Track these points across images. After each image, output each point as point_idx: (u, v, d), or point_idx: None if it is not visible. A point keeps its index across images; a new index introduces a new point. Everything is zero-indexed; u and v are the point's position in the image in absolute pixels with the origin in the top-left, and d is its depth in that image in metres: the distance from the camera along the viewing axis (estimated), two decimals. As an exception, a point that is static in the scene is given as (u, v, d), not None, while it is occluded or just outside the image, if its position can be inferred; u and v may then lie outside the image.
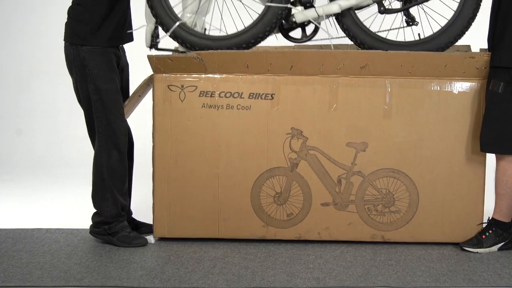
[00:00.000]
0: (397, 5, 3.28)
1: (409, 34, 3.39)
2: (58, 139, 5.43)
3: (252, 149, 3.31)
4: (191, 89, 3.28)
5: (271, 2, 3.14)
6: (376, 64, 3.20)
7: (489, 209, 3.27)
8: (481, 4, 3.13)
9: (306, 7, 3.24)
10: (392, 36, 3.38)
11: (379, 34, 3.28)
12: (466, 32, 3.17)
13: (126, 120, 3.31)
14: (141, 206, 3.70)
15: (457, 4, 3.16)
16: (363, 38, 3.21)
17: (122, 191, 3.33)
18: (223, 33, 3.33)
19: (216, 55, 3.20)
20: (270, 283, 2.81)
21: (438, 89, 3.24)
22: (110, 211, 3.27)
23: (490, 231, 3.18)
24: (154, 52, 3.32)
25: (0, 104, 5.99)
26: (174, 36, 3.22)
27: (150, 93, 3.39)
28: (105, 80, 3.19)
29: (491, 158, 3.27)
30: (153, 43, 3.32)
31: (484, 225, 3.24)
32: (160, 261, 3.11)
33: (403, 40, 3.27)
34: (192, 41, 3.21)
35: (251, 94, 3.29)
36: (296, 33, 3.37)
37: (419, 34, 3.25)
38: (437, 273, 2.94)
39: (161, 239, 3.40)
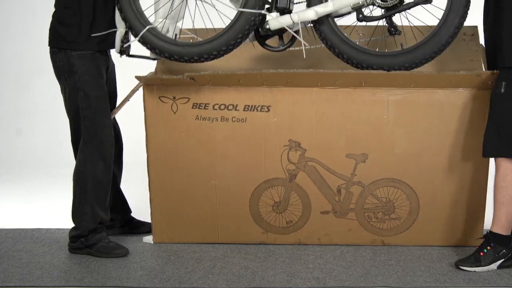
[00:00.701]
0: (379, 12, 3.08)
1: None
2: (58, 139, 5.42)
3: (249, 161, 3.27)
4: (183, 101, 3.24)
5: (243, 7, 2.97)
6: (375, 80, 3.11)
7: (489, 218, 3.23)
8: (468, 12, 2.94)
9: (281, 14, 3.05)
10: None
11: (360, 43, 3.12)
12: (452, 42, 2.96)
13: (113, 130, 3.21)
14: (141, 206, 3.69)
15: (442, 12, 2.96)
16: (342, 48, 3.01)
17: (104, 204, 3.22)
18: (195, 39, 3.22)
19: (208, 77, 3.13)
20: (270, 283, 2.81)
21: (440, 99, 3.16)
22: (87, 226, 3.17)
23: (489, 247, 2.98)
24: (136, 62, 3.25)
25: (0, 104, 6.00)
26: (143, 41, 3.07)
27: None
28: (95, 87, 3.11)
29: (492, 165, 3.18)
30: (123, 49, 3.17)
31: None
32: (160, 261, 3.11)
33: (385, 50, 3.10)
34: (161, 46, 3.05)
35: (247, 106, 3.23)
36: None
37: (401, 44, 3.08)
38: (437, 273, 2.94)
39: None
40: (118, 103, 3.35)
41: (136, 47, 3.22)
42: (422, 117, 3.19)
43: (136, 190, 3.66)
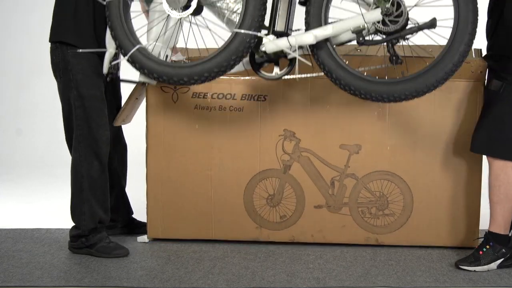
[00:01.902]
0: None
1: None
2: (58, 139, 5.38)
3: (245, 151, 3.30)
4: (183, 90, 3.27)
5: (239, 28, 2.84)
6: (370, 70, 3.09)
7: (485, 213, 3.25)
8: (474, 40, 2.77)
9: (278, 37, 2.91)
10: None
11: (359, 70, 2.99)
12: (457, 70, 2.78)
13: (109, 129, 3.19)
14: (141, 206, 3.69)
15: (446, 39, 2.78)
16: (339, 74, 2.83)
17: (104, 204, 3.21)
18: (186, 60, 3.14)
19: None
20: (270, 283, 2.81)
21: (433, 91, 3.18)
22: (87, 225, 3.15)
23: (488, 246, 2.99)
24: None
25: (0, 104, 6.00)
26: (131, 61, 2.95)
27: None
28: (89, 86, 3.08)
29: (486, 161, 3.19)
30: (111, 71, 3.13)
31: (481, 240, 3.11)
32: (160, 261, 3.11)
33: (385, 78, 2.94)
34: (150, 67, 2.92)
35: (244, 96, 3.27)
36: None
37: (402, 72, 2.90)
38: (437, 273, 2.94)
39: (161, 239, 3.39)
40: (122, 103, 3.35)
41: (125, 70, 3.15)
42: (415, 109, 3.21)
43: (136, 190, 3.66)
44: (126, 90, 3.36)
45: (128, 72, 3.23)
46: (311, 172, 3.30)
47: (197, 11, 2.94)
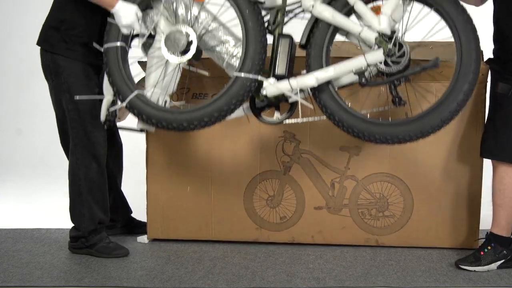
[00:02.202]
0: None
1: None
2: (58, 139, 5.42)
3: (245, 152, 3.30)
4: (183, 91, 3.27)
5: (239, 71, 2.80)
6: None
7: (485, 214, 3.25)
8: (477, 79, 2.70)
9: (279, 80, 2.86)
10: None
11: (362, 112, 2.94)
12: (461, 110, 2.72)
13: (104, 130, 3.17)
14: (141, 206, 3.70)
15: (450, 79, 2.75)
16: (342, 117, 2.77)
17: (103, 205, 3.21)
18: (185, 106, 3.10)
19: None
20: (270, 283, 2.81)
21: (433, 92, 3.17)
22: (87, 227, 3.17)
23: (489, 247, 2.98)
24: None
25: (0, 104, 6.00)
26: (129, 107, 2.91)
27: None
28: (81, 89, 3.06)
29: (487, 162, 3.19)
30: (108, 118, 3.09)
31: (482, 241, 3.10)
32: (160, 261, 3.11)
33: (389, 120, 2.90)
34: (149, 113, 2.87)
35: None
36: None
37: (406, 114, 2.87)
38: (437, 273, 2.94)
39: (161, 239, 3.39)
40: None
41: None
42: (415, 110, 3.18)
43: (136, 190, 3.66)
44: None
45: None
46: (311, 174, 3.30)
47: (196, 56, 2.92)
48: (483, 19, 3.10)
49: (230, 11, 2.90)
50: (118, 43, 2.95)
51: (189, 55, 2.88)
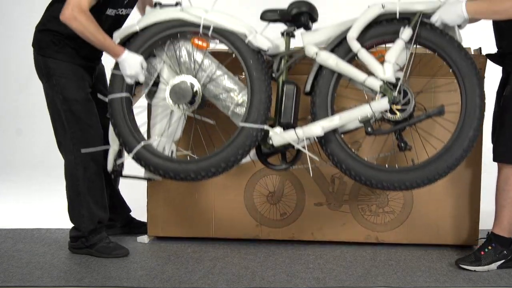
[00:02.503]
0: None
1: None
2: (58, 139, 5.43)
3: None
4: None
5: (245, 121, 2.83)
6: None
7: (484, 211, 3.25)
8: (482, 124, 2.76)
9: (285, 129, 2.89)
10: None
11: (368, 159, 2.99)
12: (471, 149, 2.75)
13: (101, 128, 3.15)
14: (141, 206, 3.70)
15: (455, 125, 2.79)
16: (349, 164, 2.81)
17: (101, 203, 3.21)
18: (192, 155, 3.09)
19: None
20: (270, 283, 2.81)
21: (432, 88, 3.17)
22: (86, 227, 3.16)
23: (490, 247, 2.97)
24: None
25: (0, 104, 6.00)
26: (136, 158, 2.93)
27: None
28: (73, 90, 3.06)
29: (486, 160, 3.21)
30: (115, 168, 3.09)
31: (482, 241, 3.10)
32: (160, 261, 3.11)
33: (395, 166, 2.93)
34: (156, 164, 2.89)
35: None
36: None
37: (412, 160, 2.88)
38: (437, 273, 2.94)
39: (160, 239, 3.39)
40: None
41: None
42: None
43: (136, 189, 3.66)
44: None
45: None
46: (311, 169, 3.28)
47: (201, 105, 2.96)
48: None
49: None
50: (123, 94, 2.98)
51: (195, 105, 2.94)
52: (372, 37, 2.83)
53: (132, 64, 2.91)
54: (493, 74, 3.20)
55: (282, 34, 2.97)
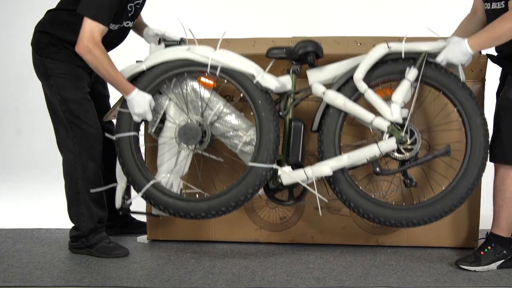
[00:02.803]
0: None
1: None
2: (58, 139, 5.43)
3: None
4: None
5: (254, 161, 2.88)
6: None
7: (484, 214, 3.24)
8: (486, 163, 2.87)
9: (293, 168, 2.96)
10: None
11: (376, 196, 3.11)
12: (473, 190, 2.88)
13: (100, 127, 3.15)
14: (140, 207, 3.70)
15: (460, 162, 2.92)
16: (358, 202, 2.90)
17: (100, 201, 3.21)
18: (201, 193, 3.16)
19: None
20: (270, 283, 2.81)
21: (432, 90, 3.14)
22: (86, 226, 3.16)
23: (489, 247, 2.98)
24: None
25: (0, 104, 6.00)
26: (146, 197, 2.98)
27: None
28: (71, 90, 3.07)
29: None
30: (124, 205, 3.13)
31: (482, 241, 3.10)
32: (160, 261, 3.11)
33: (402, 204, 3.06)
34: (166, 202, 2.94)
35: (243, 98, 3.25)
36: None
37: (419, 197, 3.03)
38: (437, 273, 2.94)
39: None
40: (111, 102, 3.34)
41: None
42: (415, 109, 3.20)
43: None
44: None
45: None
46: None
47: (209, 143, 3.00)
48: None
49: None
50: (131, 133, 3.01)
51: (204, 145, 2.99)
52: (378, 76, 2.93)
53: (141, 102, 2.94)
54: (493, 74, 3.19)
55: (288, 71, 3.02)
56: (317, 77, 3.00)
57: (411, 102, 2.93)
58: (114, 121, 3.41)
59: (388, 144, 2.87)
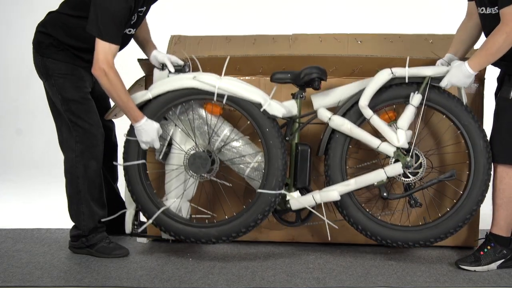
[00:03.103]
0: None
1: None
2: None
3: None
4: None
5: (263, 188, 2.95)
6: (368, 67, 3.15)
7: (484, 214, 3.24)
8: (489, 184, 2.98)
9: (302, 193, 3.03)
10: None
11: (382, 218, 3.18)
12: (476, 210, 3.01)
13: (101, 127, 3.15)
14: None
15: (464, 184, 3.04)
16: (366, 225, 3.01)
17: (100, 201, 3.21)
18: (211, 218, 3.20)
19: (207, 59, 3.18)
20: (270, 283, 2.81)
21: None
22: (87, 225, 3.15)
23: (489, 247, 2.99)
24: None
25: (0, 104, 6.00)
26: (156, 224, 3.04)
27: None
28: (72, 90, 3.06)
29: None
30: (134, 231, 3.16)
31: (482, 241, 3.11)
32: (160, 261, 3.11)
33: (408, 224, 3.16)
34: (177, 229, 3.01)
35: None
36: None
37: (424, 218, 3.11)
38: (437, 273, 2.94)
39: (160, 240, 3.38)
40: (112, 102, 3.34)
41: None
42: None
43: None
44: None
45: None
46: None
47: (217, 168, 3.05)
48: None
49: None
50: (139, 162, 3.04)
51: (213, 173, 3.03)
52: (383, 101, 3.00)
53: (149, 131, 2.97)
54: (492, 74, 3.19)
55: (293, 96, 3.06)
56: (322, 102, 3.07)
57: (416, 124, 3.03)
58: (115, 120, 3.43)
59: (395, 169, 2.97)
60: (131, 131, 3.05)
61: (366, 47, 3.41)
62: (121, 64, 3.08)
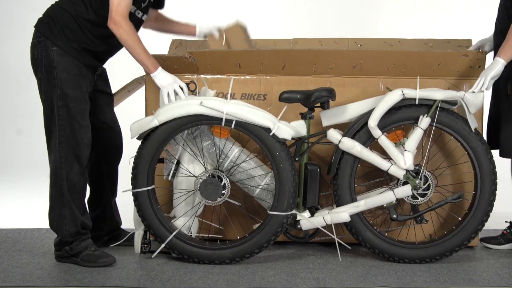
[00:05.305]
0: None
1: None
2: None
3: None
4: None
5: (274, 210, 2.98)
6: (368, 63, 3.17)
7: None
8: (494, 202, 3.07)
9: (312, 214, 3.09)
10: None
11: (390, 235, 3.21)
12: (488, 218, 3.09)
13: (90, 132, 3.06)
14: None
15: (469, 202, 3.13)
16: (375, 243, 3.06)
17: (82, 208, 3.09)
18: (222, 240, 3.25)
19: (208, 54, 3.19)
20: (270, 283, 2.81)
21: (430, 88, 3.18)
22: (68, 229, 3.01)
23: (510, 230, 3.26)
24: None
25: (0, 104, 6.00)
26: (169, 247, 3.04)
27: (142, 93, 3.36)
28: (73, 87, 2.99)
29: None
30: (144, 250, 3.12)
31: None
32: (160, 261, 3.11)
33: (415, 241, 3.20)
34: (190, 251, 3.02)
35: (244, 95, 3.27)
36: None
37: (430, 235, 3.21)
38: (437, 273, 2.94)
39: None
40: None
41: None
42: None
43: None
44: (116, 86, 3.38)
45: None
46: None
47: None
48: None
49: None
50: (149, 188, 3.04)
51: (225, 197, 3.04)
52: (392, 123, 3.02)
53: (168, 76, 3.01)
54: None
55: (302, 116, 3.07)
56: (330, 120, 3.11)
57: (424, 145, 3.08)
58: (121, 123, 3.40)
59: (404, 191, 3.02)
60: (138, 155, 3.03)
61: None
62: (121, 64, 3.09)
